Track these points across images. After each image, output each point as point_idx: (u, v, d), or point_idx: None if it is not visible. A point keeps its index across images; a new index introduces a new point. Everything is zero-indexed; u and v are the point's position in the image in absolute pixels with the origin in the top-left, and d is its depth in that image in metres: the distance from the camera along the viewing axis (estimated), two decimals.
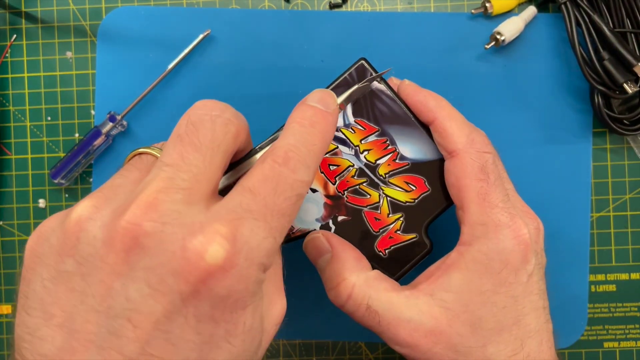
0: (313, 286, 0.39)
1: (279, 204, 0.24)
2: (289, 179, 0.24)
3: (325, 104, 0.28)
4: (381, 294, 0.30)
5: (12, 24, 0.43)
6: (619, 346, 0.42)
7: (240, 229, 0.22)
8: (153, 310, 0.21)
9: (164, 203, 0.22)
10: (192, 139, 0.24)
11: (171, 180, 0.22)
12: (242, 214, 0.22)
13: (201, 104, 0.25)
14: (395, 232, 0.32)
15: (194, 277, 0.21)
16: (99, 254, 0.21)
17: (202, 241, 0.21)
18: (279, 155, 0.24)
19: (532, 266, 0.29)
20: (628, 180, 0.42)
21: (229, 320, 0.22)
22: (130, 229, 0.21)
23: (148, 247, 0.21)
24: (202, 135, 0.24)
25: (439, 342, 0.29)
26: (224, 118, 0.25)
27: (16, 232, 0.43)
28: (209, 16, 0.42)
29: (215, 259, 0.21)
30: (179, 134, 0.24)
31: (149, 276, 0.21)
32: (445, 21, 0.42)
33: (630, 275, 0.42)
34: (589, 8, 0.39)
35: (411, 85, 0.32)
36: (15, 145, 0.43)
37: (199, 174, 0.23)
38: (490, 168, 0.30)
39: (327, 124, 0.27)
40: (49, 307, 0.22)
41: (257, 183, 0.24)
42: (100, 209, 0.23)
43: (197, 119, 0.24)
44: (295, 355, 0.43)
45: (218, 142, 0.24)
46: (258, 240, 0.22)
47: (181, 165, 0.23)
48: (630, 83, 0.39)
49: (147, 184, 0.22)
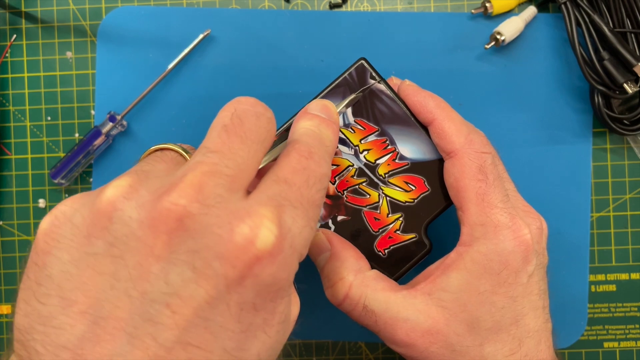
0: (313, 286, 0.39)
1: (313, 194, 0.24)
2: (317, 172, 0.24)
3: (327, 113, 0.28)
4: (378, 294, 0.30)
5: (12, 24, 0.43)
6: (619, 346, 0.42)
7: (283, 216, 0.22)
8: (195, 296, 0.19)
9: (209, 187, 0.21)
10: (237, 130, 0.23)
11: (216, 166, 0.22)
12: (282, 201, 0.22)
13: (244, 100, 0.25)
14: (394, 232, 0.32)
15: (241, 262, 0.20)
16: (136, 235, 0.20)
17: (251, 225, 0.20)
18: (304, 150, 0.25)
19: (533, 267, 0.29)
20: (628, 180, 0.42)
21: (269, 309, 0.22)
22: (174, 209, 0.20)
23: (193, 230, 0.20)
24: (248, 128, 0.24)
25: (436, 341, 0.29)
26: (267, 117, 0.25)
27: (16, 232, 0.43)
28: (209, 16, 0.42)
29: (265, 244, 0.20)
30: (224, 123, 0.24)
31: (194, 259, 0.20)
32: (445, 21, 0.42)
33: (631, 275, 0.42)
34: (589, 8, 0.39)
35: (411, 86, 0.32)
36: (15, 145, 0.43)
37: (242, 164, 0.23)
38: (489, 168, 0.30)
39: (333, 131, 0.28)
40: (69, 294, 0.20)
41: (289, 175, 0.24)
42: (135, 189, 0.22)
43: (243, 113, 0.24)
44: (295, 355, 0.43)
45: (262, 138, 0.24)
46: (299, 227, 0.22)
47: (226, 153, 0.22)
48: (630, 83, 0.39)
49: (191, 168, 0.22)
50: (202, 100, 0.42)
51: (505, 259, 0.29)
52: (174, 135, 0.42)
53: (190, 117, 0.42)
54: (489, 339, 0.29)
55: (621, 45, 0.39)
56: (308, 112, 0.28)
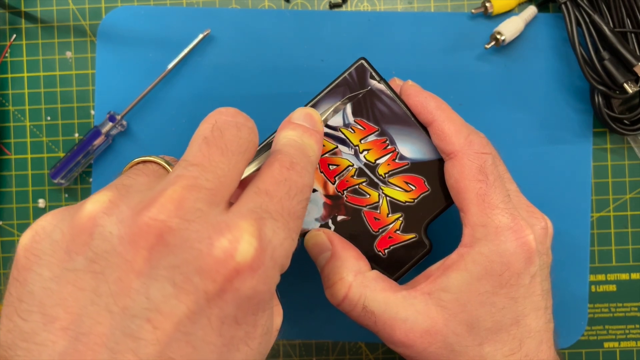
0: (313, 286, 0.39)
1: (294, 206, 0.24)
2: (298, 183, 0.24)
3: (311, 122, 0.28)
4: (378, 294, 0.30)
5: (11, 24, 0.43)
6: (619, 346, 0.42)
7: (264, 228, 0.22)
8: (176, 311, 0.19)
9: (189, 201, 0.21)
10: (218, 142, 0.23)
11: (196, 180, 0.22)
12: (262, 214, 0.22)
13: (225, 111, 0.25)
14: (394, 232, 0.32)
15: (221, 276, 0.20)
16: (116, 250, 0.20)
17: (230, 239, 0.21)
18: (286, 161, 0.25)
19: (536, 268, 0.29)
20: (628, 180, 0.42)
21: (250, 322, 0.22)
22: (154, 225, 0.20)
23: (173, 245, 0.20)
24: (228, 140, 0.24)
25: (435, 341, 0.29)
26: (248, 127, 0.25)
27: (16, 232, 0.43)
28: (209, 16, 0.42)
29: (245, 257, 0.21)
30: (205, 136, 0.24)
31: (174, 274, 0.20)
32: (445, 21, 0.42)
33: (631, 275, 0.42)
34: (589, 8, 0.39)
35: (414, 86, 0.32)
36: (15, 145, 0.43)
37: (223, 177, 0.23)
38: (489, 169, 0.30)
39: (316, 140, 0.28)
40: (51, 310, 0.20)
41: (271, 186, 0.24)
42: (116, 204, 0.22)
43: (223, 124, 0.24)
44: (295, 355, 0.43)
45: (243, 149, 0.24)
46: (280, 240, 0.22)
47: (206, 166, 0.23)
48: (631, 83, 0.38)
49: (170, 182, 0.22)
50: (202, 100, 0.42)
51: (507, 261, 0.29)
52: (174, 135, 0.42)
53: (190, 117, 0.42)
54: (489, 339, 0.29)
55: (621, 45, 0.39)
56: (291, 122, 0.28)
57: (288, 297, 0.42)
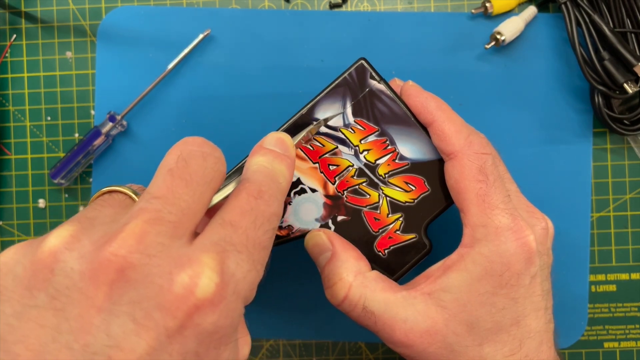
0: (313, 286, 0.39)
1: (260, 236, 0.24)
2: (266, 212, 0.24)
3: (283, 147, 0.28)
4: (378, 295, 0.30)
5: (12, 24, 0.43)
6: (619, 346, 0.42)
7: (226, 261, 0.22)
8: (136, 347, 0.19)
9: (150, 235, 0.21)
10: (182, 174, 0.23)
11: (158, 213, 0.22)
12: (226, 246, 0.22)
13: (191, 140, 0.25)
14: (394, 232, 0.32)
15: (181, 312, 0.20)
16: (77, 287, 0.20)
17: (190, 274, 0.21)
18: (253, 189, 0.25)
19: (536, 268, 0.29)
20: (628, 180, 0.42)
21: (212, 356, 0.21)
22: (115, 260, 0.20)
23: (134, 280, 0.20)
24: (193, 171, 0.24)
25: (435, 342, 0.29)
26: (215, 156, 0.25)
27: (16, 232, 0.43)
28: (209, 16, 0.42)
29: (205, 293, 0.21)
30: (169, 167, 0.23)
31: (134, 311, 0.20)
32: (445, 21, 0.42)
33: (631, 276, 0.42)
34: (589, 8, 0.39)
35: (414, 87, 0.32)
36: (15, 145, 0.43)
37: (187, 209, 0.23)
38: (489, 169, 0.30)
39: (287, 165, 0.27)
40: (12, 347, 0.20)
41: (236, 217, 0.23)
42: (77, 239, 0.22)
43: (189, 154, 0.24)
44: (295, 355, 0.43)
45: (209, 179, 0.24)
46: (243, 272, 0.22)
47: (169, 199, 0.22)
48: (631, 83, 0.38)
49: (133, 216, 0.22)
50: (202, 100, 0.42)
51: (507, 261, 0.29)
52: (174, 135, 0.42)
53: (190, 117, 0.42)
54: (489, 339, 0.29)
55: (621, 45, 0.39)
56: (263, 147, 0.28)
57: (288, 297, 0.42)
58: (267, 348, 0.43)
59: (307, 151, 0.32)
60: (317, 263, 0.32)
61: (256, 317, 0.42)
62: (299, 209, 0.32)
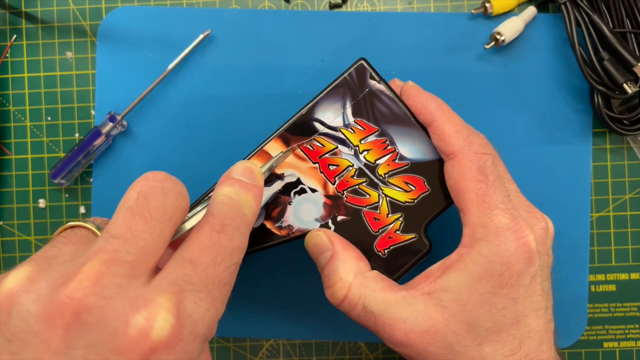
0: (313, 286, 0.39)
1: (220, 273, 0.23)
2: (228, 247, 0.24)
3: (250, 176, 0.28)
4: (377, 294, 0.30)
5: (12, 24, 0.43)
6: (619, 346, 0.42)
7: (184, 302, 0.22)
8: None
9: (107, 276, 0.21)
10: (142, 211, 0.23)
11: (116, 253, 0.22)
12: (184, 286, 0.22)
13: (152, 175, 0.25)
14: (394, 232, 0.32)
15: (136, 355, 0.20)
16: (33, 330, 0.20)
17: (146, 317, 0.21)
18: (216, 223, 0.24)
19: (536, 268, 0.29)
20: (628, 180, 0.42)
21: None
22: (70, 303, 0.20)
23: (90, 323, 0.20)
24: (153, 207, 0.23)
25: (435, 341, 0.29)
26: (176, 192, 0.24)
27: (16, 232, 0.43)
28: (209, 16, 0.42)
29: (161, 335, 0.20)
30: (129, 205, 0.23)
31: (90, 354, 0.20)
32: (445, 21, 0.42)
33: (630, 275, 0.42)
34: (588, 8, 0.39)
35: (414, 87, 0.32)
36: (15, 145, 0.43)
37: (146, 247, 0.23)
38: (489, 169, 0.30)
39: (254, 195, 0.27)
40: None
41: (196, 253, 0.23)
42: (35, 281, 0.21)
43: (149, 191, 0.24)
44: (295, 355, 0.43)
45: (169, 216, 0.24)
46: (201, 312, 0.22)
47: (128, 238, 0.22)
48: (630, 83, 0.39)
49: (90, 256, 0.22)
50: (202, 100, 0.42)
51: (507, 261, 0.29)
52: (174, 135, 0.42)
53: (190, 117, 0.42)
54: (489, 339, 0.29)
55: (621, 45, 0.39)
56: (230, 177, 0.28)
57: (288, 297, 0.42)
58: (267, 348, 0.43)
59: (307, 151, 0.32)
60: (317, 263, 0.32)
61: (256, 317, 0.42)
62: (299, 209, 0.32)
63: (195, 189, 0.41)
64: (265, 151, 0.32)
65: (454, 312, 0.29)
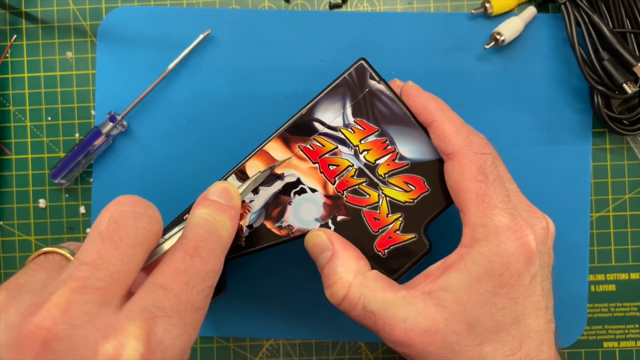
0: (313, 286, 0.39)
1: (192, 298, 0.23)
2: (201, 271, 0.24)
3: (227, 197, 0.28)
4: (377, 294, 0.30)
5: (12, 24, 0.43)
6: (619, 346, 0.42)
7: (154, 328, 0.22)
8: None
9: (77, 304, 0.21)
10: (113, 237, 0.23)
11: (86, 280, 0.22)
12: (155, 312, 0.22)
13: (124, 200, 0.25)
14: (394, 232, 0.32)
15: None
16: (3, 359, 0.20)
17: (115, 345, 0.20)
18: (190, 247, 0.24)
19: (537, 268, 0.29)
20: (628, 180, 0.42)
21: None
22: (39, 333, 0.20)
23: (59, 352, 0.20)
24: (124, 233, 0.23)
25: (435, 341, 0.29)
26: (148, 215, 0.24)
27: (16, 232, 0.43)
28: (209, 16, 0.42)
29: None
30: (99, 231, 0.23)
31: None
32: (445, 21, 0.42)
33: (630, 275, 0.42)
34: (588, 8, 0.39)
35: (414, 87, 0.32)
36: (16, 145, 0.43)
37: (116, 273, 0.22)
38: (488, 169, 0.30)
39: (231, 216, 0.27)
40: None
41: (169, 278, 0.23)
42: (4, 309, 0.21)
43: (120, 215, 0.24)
44: (295, 355, 0.43)
45: (140, 240, 0.24)
46: (172, 338, 0.22)
47: (99, 264, 0.22)
48: (630, 83, 0.39)
49: (60, 284, 0.22)
50: (202, 100, 0.42)
51: (507, 261, 0.29)
52: (174, 135, 0.42)
53: (190, 117, 0.42)
54: (489, 338, 0.29)
55: (621, 45, 0.39)
56: (206, 198, 0.28)
57: (288, 297, 0.42)
58: (267, 348, 0.43)
59: (307, 151, 0.32)
60: (317, 263, 0.32)
61: (256, 317, 0.42)
62: (299, 208, 0.32)
63: (195, 189, 0.41)
64: (266, 151, 0.32)
65: (454, 312, 0.29)
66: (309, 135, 0.32)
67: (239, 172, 0.32)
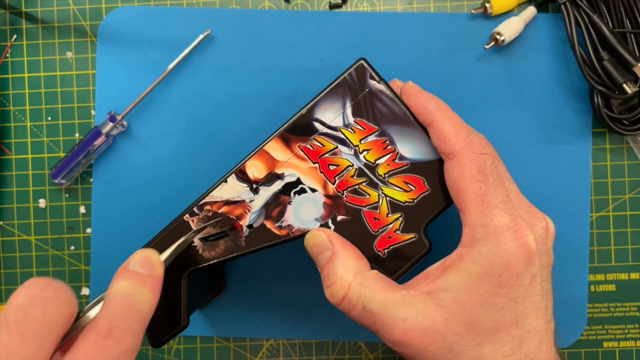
0: (313, 286, 0.40)
1: None
2: (114, 353, 0.23)
3: (148, 267, 0.26)
4: (377, 294, 0.30)
5: (12, 24, 0.43)
6: (619, 346, 0.42)
7: None
8: None
9: None
10: (19, 327, 0.22)
11: None
12: None
13: (33, 283, 0.23)
14: (394, 232, 0.32)
15: None
16: None
17: None
18: (103, 327, 0.23)
19: (536, 268, 0.29)
20: (627, 180, 0.42)
21: None
22: None
23: None
24: (32, 321, 0.22)
25: (434, 341, 0.29)
26: (59, 299, 0.23)
27: (16, 232, 0.43)
28: (209, 16, 0.42)
29: None
30: (5, 320, 0.22)
31: None
32: (445, 21, 0.42)
33: (630, 275, 0.42)
34: (588, 8, 0.39)
35: (414, 87, 0.32)
36: (16, 145, 0.43)
37: None
38: (488, 169, 0.30)
39: (152, 287, 0.26)
40: None
41: None
42: None
43: (27, 302, 0.23)
44: (295, 355, 0.43)
45: (49, 327, 0.23)
46: None
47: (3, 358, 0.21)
48: (630, 83, 0.39)
49: None
50: (202, 100, 0.42)
51: (506, 261, 0.29)
52: (174, 135, 0.42)
53: (190, 117, 0.42)
54: (488, 338, 0.29)
55: (621, 45, 0.39)
56: (126, 269, 0.26)
57: (288, 297, 0.42)
58: (267, 348, 0.43)
59: (307, 151, 0.32)
60: (316, 262, 0.32)
61: (256, 317, 0.42)
62: (299, 208, 0.32)
63: (195, 189, 0.41)
64: (265, 151, 0.32)
65: (454, 312, 0.29)
66: (309, 135, 0.32)
67: (239, 172, 0.32)
